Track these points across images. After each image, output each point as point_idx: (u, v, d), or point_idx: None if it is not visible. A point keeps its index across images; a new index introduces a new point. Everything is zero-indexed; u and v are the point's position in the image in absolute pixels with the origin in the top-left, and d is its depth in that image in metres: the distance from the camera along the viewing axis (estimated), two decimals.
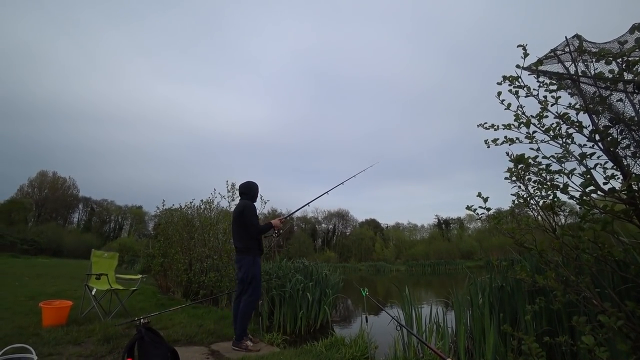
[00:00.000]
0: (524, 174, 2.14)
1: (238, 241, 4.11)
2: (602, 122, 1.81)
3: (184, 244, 7.93)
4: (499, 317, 3.32)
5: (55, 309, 4.36)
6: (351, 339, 4.04)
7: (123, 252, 31.24)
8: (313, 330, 6.88)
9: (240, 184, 4.50)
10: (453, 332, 3.90)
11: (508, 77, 2.13)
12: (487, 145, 2.56)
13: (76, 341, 3.74)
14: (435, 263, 52.55)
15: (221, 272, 7.01)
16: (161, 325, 4.67)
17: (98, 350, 3.46)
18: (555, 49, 1.87)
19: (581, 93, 1.85)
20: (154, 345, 2.74)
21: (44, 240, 42.15)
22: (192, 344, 4.03)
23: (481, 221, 7.38)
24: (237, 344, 3.87)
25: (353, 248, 68.87)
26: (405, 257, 61.20)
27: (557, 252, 2.04)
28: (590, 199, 1.85)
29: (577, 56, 1.79)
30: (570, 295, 1.90)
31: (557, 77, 1.90)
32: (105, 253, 5.85)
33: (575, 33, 1.78)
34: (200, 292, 7.07)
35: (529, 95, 2.07)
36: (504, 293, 3.61)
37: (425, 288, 20.64)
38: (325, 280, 7.65)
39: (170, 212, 9.84)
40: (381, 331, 4.66)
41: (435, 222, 77.56)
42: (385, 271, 48.11)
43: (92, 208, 68.21)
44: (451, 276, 32.73)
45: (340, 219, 78.38)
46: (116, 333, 3.99)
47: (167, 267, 8.64)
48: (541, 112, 2.15)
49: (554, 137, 1.98)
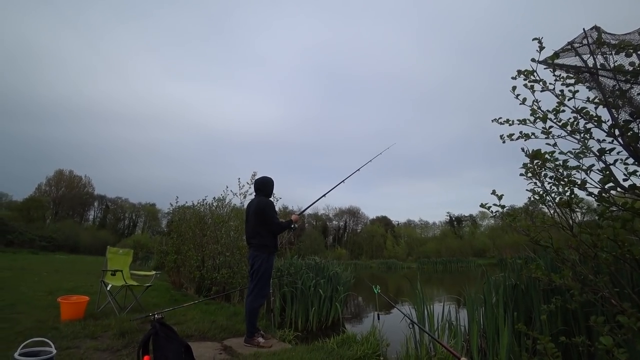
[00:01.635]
0: (540, 170, 2.09)
1: (253, 237, 4.11)
2: (622, 117, 1.76)
3: (196, 241, 8.02)
4: (513, 316, 3.27)
5: (73, 304, 4.47)
6: (362, 336, 4.03)
7: (137, 248, 31.77)
8: (324, 327, 6.91)
9: (256, 179, 4.47)
10: (465, 330, 3.86)
11: (523, 72, 2.08)
12: (502, 141, 2.50)
13: (93, 335, 3.83)
14: (447, 261, 52.05)
15: (233, 268, 7.07)
16: (175, 321, 4.74)
17: (114, 344, 3.54)
18: (573, 41, 1.82)
19: (600, 87, 1.80)
20: (168, 340, 2.79)
21: (62, 237, 43.21)
22: (205, 339, 4.08)
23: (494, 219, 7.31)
24: (249, 341, 3.90)
25: (364, 245, 68.80)
26: (416, 254, 60.85)
27: (573, 251, 1.99)
28: (610, 196, 1.80)
29: (595, 48, 1.73)
30: (587, 294, 1.86)
31: (575, 70, 1.84)
32: (120, 250, 5.97)
33: (594, 25, 1.72)
34: (212, 289, 7.15)
35: (544, 89, 2.01)
36: (518, 291, 3.55)
37: (436, 285, 20.48)
38: (337, 278, 7.65)
39: (183, 210, 9.98)
40: (393, 329, 4.64)
41: (447, 219, 76.88)
42: (396, 268, 47.92)
43: (107, 206, 69.60)
44: (463, 274, 32.40)
45: (351, 216, 78.34)
46: (131, 328, 4.07)
47: (180, 264, 8.76)
48: (558, 107, 2.09)
49: (572, 133, 1.93)
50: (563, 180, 2.11)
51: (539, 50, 1.92)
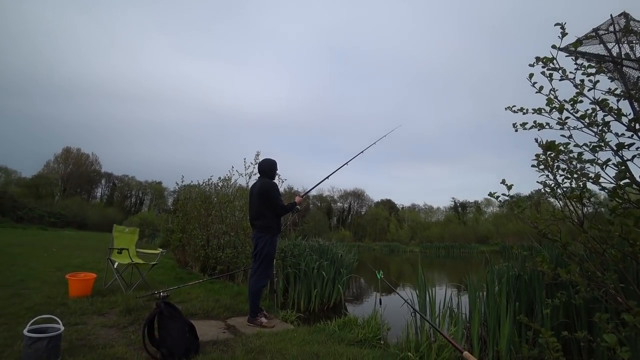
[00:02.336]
0: (553, 162, 2.03)
1: (257, 219, 4.13)
2: None
3: (201, 220, 8.10)
4: (515, 307, 3.27)
5: (81, 281, 4.56)
6: (364, 320, 4.08)
7: (144, 226, 32.28)
8: (326, 309, 7.02)
9: (260, 161, 4.47)
10: (466, 318, 3.88)
11: (542, 59, 1.98)
12: (515, 129, 2.42)
13: (100, 312, 3.93)
14: (450, 246, 52.28)
15: (237, 248, 7.15)
16: (180, 299, 4.83)
17: (120, 321, 3.62)
18: (598, 28, 1.72)
19: (623, 77, 1.71)
20: (173, 319, 2.83)
21: (70, 213, 43.98)
22: (209, 318, 4.16)
23: (500, 207, 7.21)
24: (252, 320, 3.97)
25: (368, 227, 69.26)
26: (419, 238, 61.20)
27: (581, 246, 1.95)
28: (624, 192, 1.74)
29: (621, 36, 1.63)
30: (594, 291, 1.83)
31: (598, 59, 1.75)
32: (127, 228, 6.04)
33: (623, 11, 1.62)
34: (217, 268, 7.26)
35: (564, 78, 1.92)
36: (521, 282, 3.54)
37: (438, 270, 20.66)
38: (340, 260, 7.71)
39: (188, 189, 10.04)
40: (394, 311, 4.67)
41: (451, 204, 76.76)
42: (399, 252, 48.32)
43: (114, 183, 70.38)
44: (465, 259, 32.61)
45: (356, 198, 78.54)
46: (137, 305, 4.16)
47: (185, 243, 8.88)
48: (576, 97, 2.01)
49: (590, 125, 1.85)
50: (576, 173, 2.05)
51: (560, 37, 1.82)
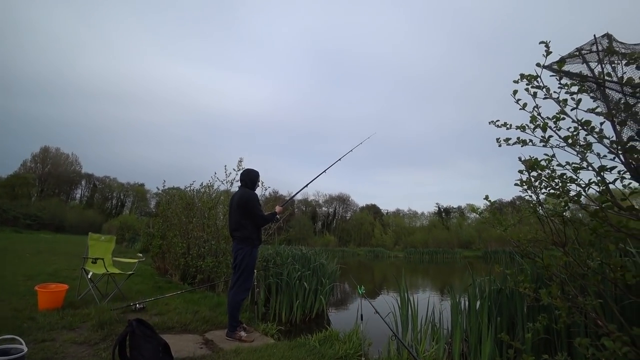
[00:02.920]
0: (536, 182, 2.01)
1: (237, 230, 4.03)
2: (626, 133, 1.67)
3: (182, 228, 7.90)
4: (496, 322, 3.26)
5: (51, 293, 4.34)
6: (345, 335, 4.00)
7: (124, 229, 31.53)
8: (308, 320, 6.91)
9: (242, 171, 4.41)
10: (449, 333, 3.85)
11: (526, 76, 1.96)
12: (498, 144, 2.41)
13: (71, 326, 3.73)
14: (434, 251, 52.85)
15: (219, 257, 6.98)
16: (157, 311, 4.66)
17: (92, 337, 3.43)
18: (581, 47, 1.71)
19: (606, 98, 1.70)
20: (146, 338, 2.69)
21: (47, 215, 42.58)
22: (187, 331, 4.01)
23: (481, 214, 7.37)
24: (231, 335, 3.85)
25: (352, 232, 69.39)
26: (404, 243, 61.59)
27: (562, 269, 1.93)
28: (605, 214, 1.73)
29: (604, 57, 1.62)
30: (575, 316, 1.81)
31: (580, 78, 1.74)
32: (103, 236, 5.81)
33: (606, 32, 1.61)
34: (197, 277, 7.07)
35: (547, 97, 1.90)
36: (502, 296, 3.54)
37: (422, 276, 20.81)
38: (322, 270, 7.62)
39: (170, 192, 9.82)
40: (376, 322, 4.61)
41: (435, 210, 77.75)
42: (383, 257, 48.56)
43: (95, 184, 68.63)
44: (449, 265, 33.02)
45: (341, 203, 78.75)
46: (111, 318, 3.97)
47: (165, 250, 8.65)
48: (558, 115, 2.00)
49: (572, 145, 1.83)
50: (558, 191, 2.04)
51: (545, 55, 1.80)
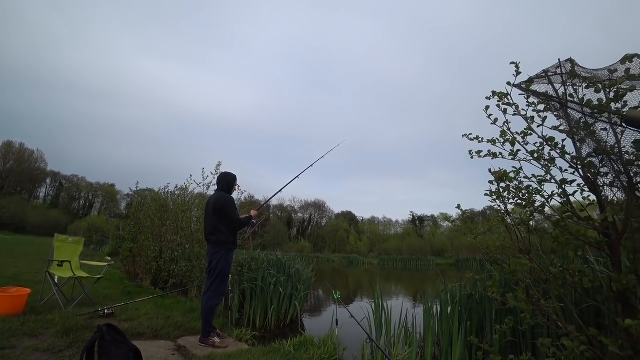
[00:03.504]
0: (504, 192, 2.14)
1: (212, 234, 3.99)
2: (585, 150, 1.82)
3: (155, 230, 7.68)
4: (466, 326, 3.39)
5: (11, 298, 4.11)
6: (320, 340, 4.02)
7: (92, 232, 30.23)
8: (283, 326, 6.86)
9: (220, 174, 4.38)
10: (421, 337, 3.96)
11: (498, 93, 2.10)
12: (470, 156, 2.55)
13: (33, 333, 3.53)
14: (407, 259, 53.77)
15: (193, 262, 6.83)
16: (126, 316, 4.51)
17: (56, 344, 3.27)
18: (548, 69, 1.85)
19: (568, 117, 1.85)
20: (116, 344, 2.61)
21: (6, 215, 40.14)
22: (158, 337, 3.90)
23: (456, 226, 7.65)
24: (204, 340, 3.79)
25: (328, 239, 69.57)
26: (378, 251, 62.34)
27: (528, 274, 2.06)
28: (566, 224, 1.87)
29: (567, 79, 1.77)
30: (538, 317, 1.93)
31: (546, 98, 1.88)
32: (70, 238, 5.57)
33: (569, 57, 1.76)
34: (169, 281, 6.88)
35: (516, 113, 2.05)
36: (472, 301, 3.68)
37: (396, 283, 21.13)
38: (298, 275, 7.62)
39: (143, 194, 9.53)
40: (351, 327, 4.67)
41: (409, 218, 79.27)
42: (358, 264, 48.92)
43: (61, 183, 65.44)
44: (422, 272, 33.68)
45: (317, 209, 78.88)
46: (77, 324, 3.80)
47: (136, 253, 8.37)
48: (526, 131, 2.14)
49: (537, 159, 1.98)
50: (524, 201, 2.18)
51: (515, 75, 1.94)
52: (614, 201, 1.67)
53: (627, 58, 1.55)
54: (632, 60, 1.57)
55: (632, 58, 1.57)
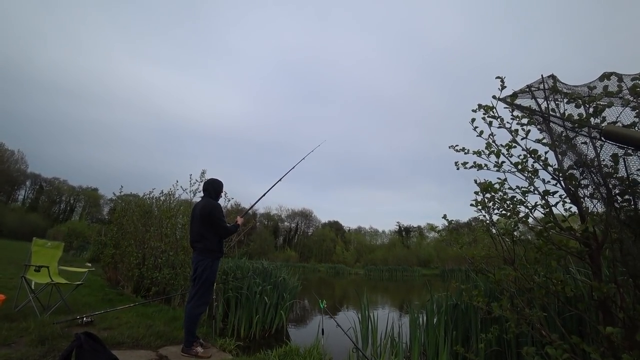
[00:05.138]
0: (489, 203, 2.19)
1: (198, 241, 3.92)
2: (566, 163, 1.88)
3: (138, 237, 7.52)
4: (452, 335, 3.41)
5: None
6: (305, 349, 3.97)
7: (72, 237, 29.35)
8: (268, 335, 6.75)
9: (206, 180, 4.33)
10: (407, 346, 3.96)
11: (484, 106, 2.16)
12: (457, 167, 2.61)
13: (6, 341, 3.38)
14: (394, 269, 53.87)
15: (176, 269, 6.69)
16: (106, 325, 4.37)
17: (30, 354, 3.14)
18: (531, 85, 1.92)
19: (550, 131, 1.91)
20: (94, 353, 2.53)
21: None
22: (139, 347, 3.78)
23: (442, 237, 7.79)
24: (187, 350, 3.69)
25: (314, 248, 69.19)
26: (364, 261, 62.25)
27: (512, 283, 2.10)
28: (549, 234, 1.92)
29: (549, 95, 1.84)
30: (522, 326, 1.96)
31: (529, 112, 1.95)
32: (49, 242, 5.39)
33: (551, 73, 1.83)
34: (152, 289, 6.72)
35: (501, 126, 2.11)
36: (458, 311, 3.71)
37: (382, 293, 21.11)
38: (284, 284, 7.54)
39: (127, 199, 9.35)
40: (337, 336, 4.63)
41: (396, 228, 79.69)
42: (344, 274, 48.72)
43: (41, 186, 63.54)
44: (407, 282, 33.77)
45: (304, 218, 78.50)
46: (53, 333, 3.66)
47: (118, 260, 8.16)
48: (510, 143, 2.21)
49: (521, 170, 2.03)
50: (509, 212, 2.23)
51: (500, 89, 2.00)
52: (594, 212, 1.72)
53: (605, 76, 1.62)
54: (610, 78, 1.65)
55: (610, 76, 1.65)
